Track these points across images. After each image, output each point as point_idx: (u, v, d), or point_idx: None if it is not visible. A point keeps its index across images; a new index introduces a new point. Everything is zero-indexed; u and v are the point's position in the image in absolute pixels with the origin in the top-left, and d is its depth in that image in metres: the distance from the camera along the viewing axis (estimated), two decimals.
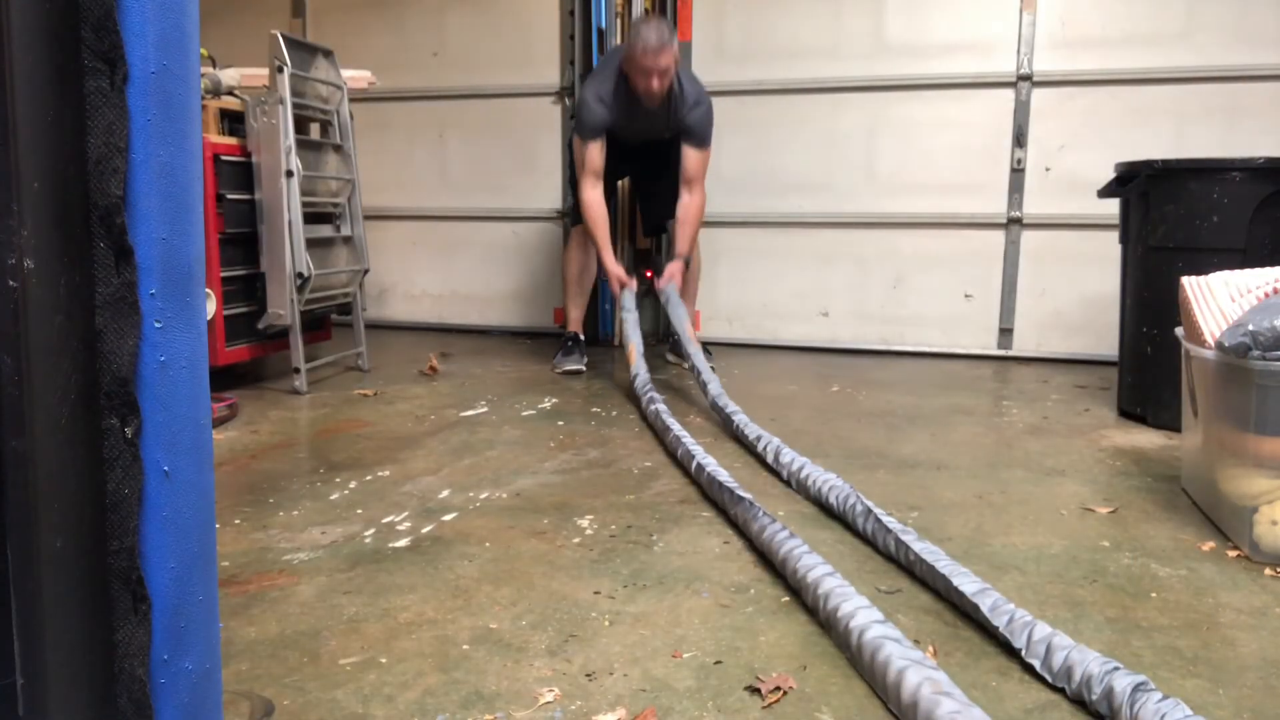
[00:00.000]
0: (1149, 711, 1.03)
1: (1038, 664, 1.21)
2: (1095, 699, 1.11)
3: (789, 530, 1.54)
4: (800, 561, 1.43)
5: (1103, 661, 1.13)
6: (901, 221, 4.07)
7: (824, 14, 4.07)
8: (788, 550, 1.48)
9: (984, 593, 1.35)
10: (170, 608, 0.69)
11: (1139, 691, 1.07)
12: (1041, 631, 1.23)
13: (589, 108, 3.31)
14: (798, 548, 1.47)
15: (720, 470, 1.91)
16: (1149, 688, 1.07)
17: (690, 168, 3.38)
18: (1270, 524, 1.61)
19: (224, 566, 1.56)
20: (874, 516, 1.68)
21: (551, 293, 4.61)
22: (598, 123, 3.31)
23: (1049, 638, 1.21)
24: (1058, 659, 1.18)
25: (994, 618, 1.29)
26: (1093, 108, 3.81)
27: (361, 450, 2.34)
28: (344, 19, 4.72)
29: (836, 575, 1.37)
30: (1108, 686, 1.10)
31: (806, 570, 1.40)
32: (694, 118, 3.33)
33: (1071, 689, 1.15)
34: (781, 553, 1.49)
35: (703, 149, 3.38)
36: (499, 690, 1.16)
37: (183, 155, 0.68)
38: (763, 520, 1.60)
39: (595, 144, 3.33)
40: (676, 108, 3.32)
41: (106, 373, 0.65)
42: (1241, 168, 2.47)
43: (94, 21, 0.62)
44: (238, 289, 2.98)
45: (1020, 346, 3.98)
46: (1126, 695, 1.07)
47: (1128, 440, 2.52)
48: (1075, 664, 1.15)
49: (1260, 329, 1.60)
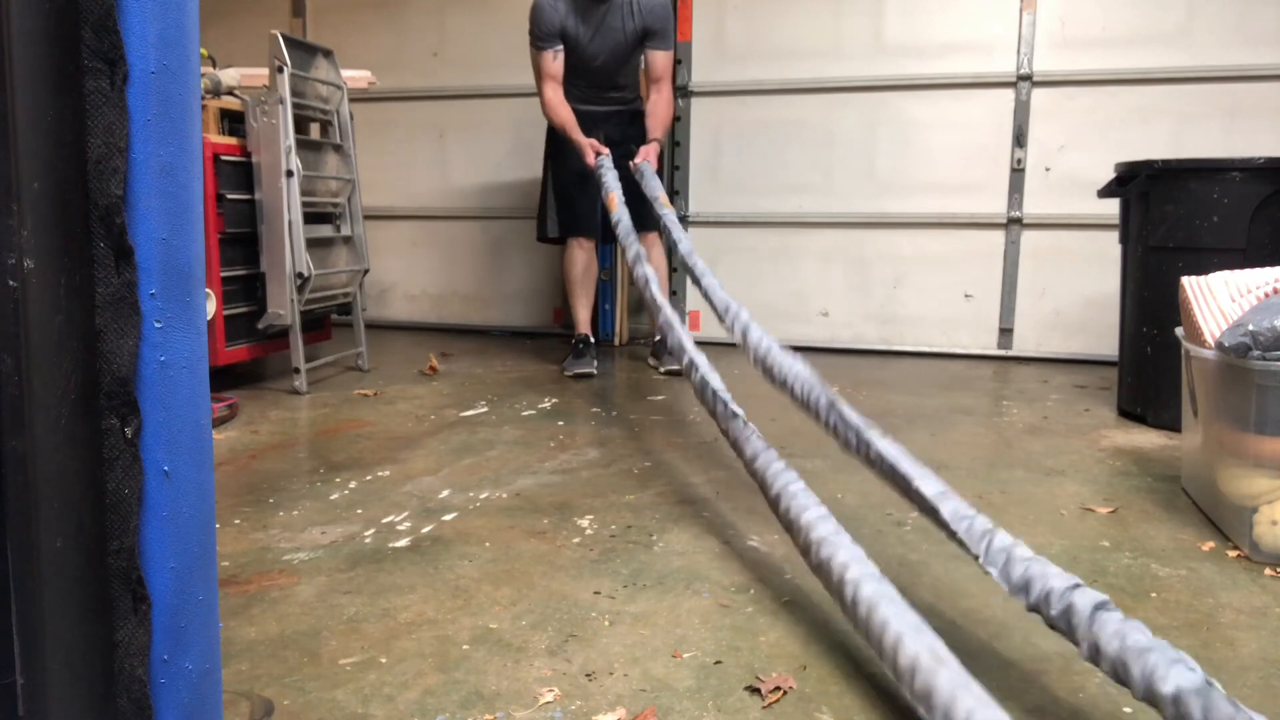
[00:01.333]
0: (1109, 631, 1.01)
1: (995, 572, 1.16)
2: (1054, 614, 1.08)
3: (783, 461, 1.48)
4: (794, 500, 1.37)
5: (1064, 577, 1.10)
6: (901, 221, 4.07)
7: (824, 14, 4.07)
8: (781, 486, 1.42)
9: (944, 496, 1.29)
10: (170, 608, 0.69)
11: (1100, 610, 1.04)
12: (1001, 541, 1.18)
13: (541, 9, 3.29)
14: (791, 483, 1.42)
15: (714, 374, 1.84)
16: (1110, 607, 1.04)
17: (658, 67, 3.39)
18: (1270, 524, 1.61)
19: (224, 566, 1.56)
20: (836, 409, 1.57)
21: (551, 293, 4.62)
22: (552, 25, 3.29)
23: (1009, 548, 1.17)
24: (1017, 570, 1.14)
25: (953, 523, 1.24)
26: (1093, 108, 3.81)
27: (361, 450, 2.34)
28: (344, 19, 4.72)
29: (831, 519, 1.32)
30: (1068, 603, 1.06)
31: (800, 511, 1.34)
32: (656, 14, 3.33)
33: (1030, 600, 1.11)
34: (775, 488, 1.43)
35: (668, 49, 3.40)
36: (499, 690, 1.16)
37: (183, 155, 0.68)
38: (755, 445, 1.54)
39: (549, 52, 3.32)
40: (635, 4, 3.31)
41: (106, 373, 0.65)
42: (1241, 168, 2.47)
43: (94, 21, 0.62)
44: (238, 289, 2.98)
45: (1020, 346, 3.98)
46: (1087, 613, 1.04)
47: (1128, 440, 2.52)
48: (1035, 577, 1.11)
49: (1260, 329, 1.60)
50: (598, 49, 3.38)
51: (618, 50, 3.40)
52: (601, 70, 3.45)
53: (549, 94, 3.36)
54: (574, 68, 3.40)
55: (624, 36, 3.37)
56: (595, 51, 3.39)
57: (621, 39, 3.37)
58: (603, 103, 3.52)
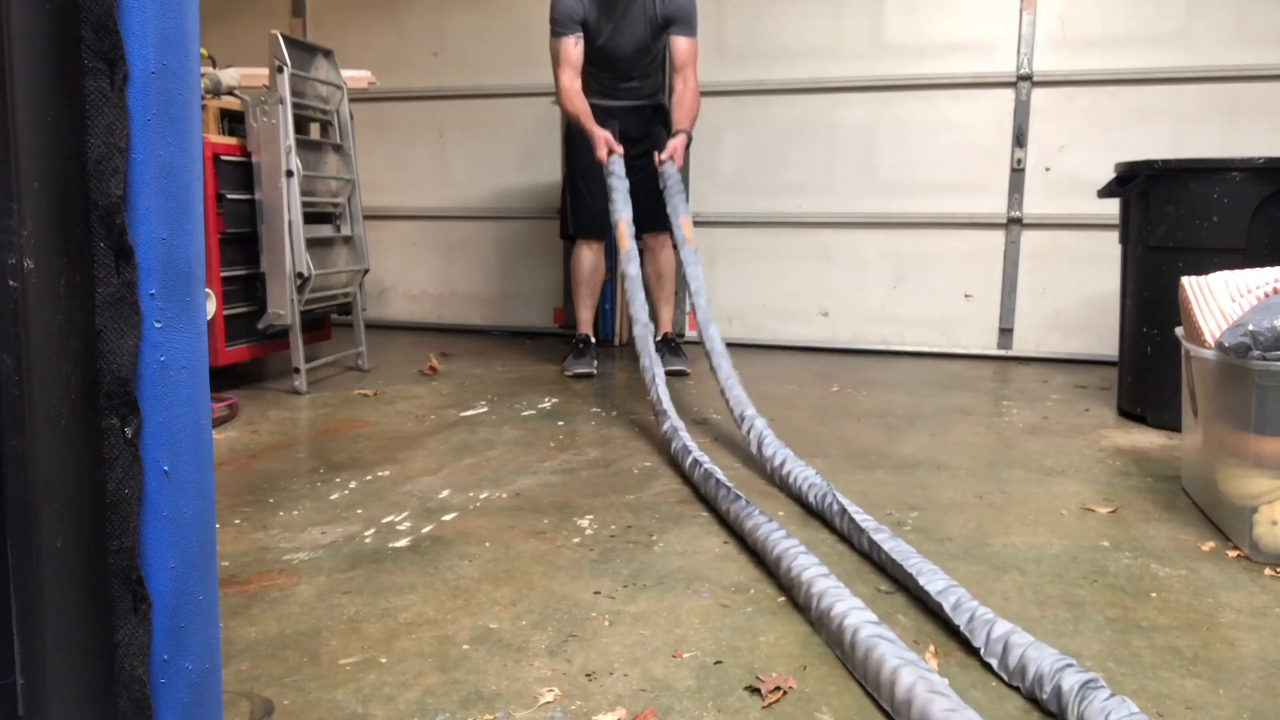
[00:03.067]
0: (1094, 710, 1.03)
1: (995, 663, 1.20)
2: (1045, 697, 1.10)
3: (784, 530, 1.54)
4: (795, 561, 1.43)
5: (1055, 659, 1.12)
6: (901, 221, 4.07)
7: (824, 14, 4.07)
8: (782, 549, 1.48)
9: (948, 590, 1.34)
10: (170, 608, 0.69)
11: (1086, 689, 1.06)
12: (1000, 629, 1.21)
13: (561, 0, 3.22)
14: (792, 547, 1.47)
15: (715, 467, 1.92)
16: (1097, 685, 1.06)
17: (681, 54, 3.31)
18: (1270, 524, 1.61)
19: (224, 566, 1.56)
20: (848, 516, 1.67)
21: (552, 293, 4.62)
22: (574, 12, 3.20)
23: (1006, 636, 1.20)
24: (1013, 657, 1.17)
25: (955, 616, 1.28)
26: (1093, 108, 3.81)
27: (361, 450, 2.34)
28: (344, 19, 4.72)
29: (830, 576, 1.37)
30: (1056, 684, 1.09)
31: (801, 570, 1.40)
32: (678, 1, 3.27)
33: (1025, 687, 1.14)
34: (775, 552, 1.49)
35: (691, 36, 3.33)
36: (499, 690, 1.16)
37: (183, 155, 0.68)
38: (757, 519, 1.60)
39: (570, 38, 3.22)
40: None
41: (106, 373, 0.65)
42: (1241, 168, 2.47)
43: (94, 21, 0.62)
44: (238, 289, 2.98)
45: (1020, 346, 3.98)
46: (1074, 693, 1.06)
47: (1128, 440, 2.52)
48: (1029, 661, 1.14)
49: (1260, 329, 1.60)
50: (619, 41, 3.31)
51: (639, 42, 3.32)
52: (623, 64, 3.37)
53: (566, 81, 3.25)
54: (594, 61, 3.33)
55: (645, 27, 3.30)
56: (616, 44, 3.32)
57: (643, 29, 3.30)
58: (623, 97, 3.45)
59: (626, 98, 3.47)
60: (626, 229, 2.96)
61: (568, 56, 3.25)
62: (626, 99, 3.47)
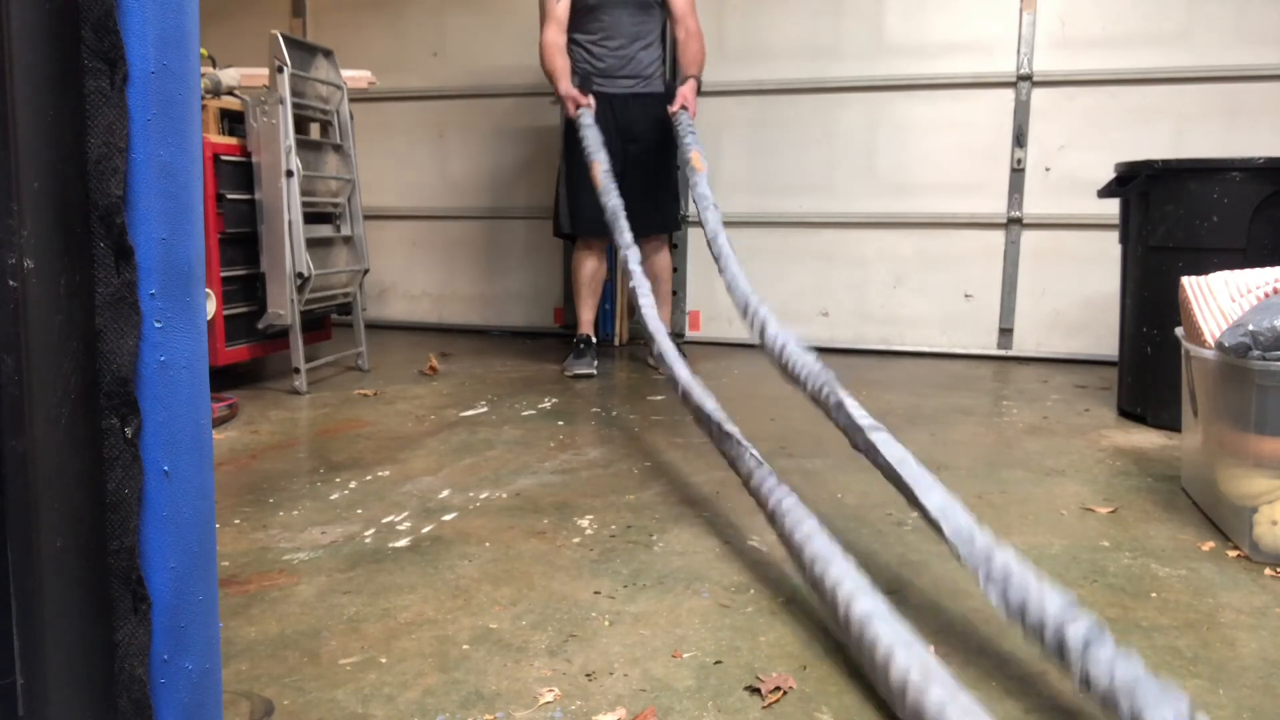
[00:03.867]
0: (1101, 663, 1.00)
1: (994, 595, 1.16)
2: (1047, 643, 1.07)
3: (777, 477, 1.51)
4: (789, 516, 1.39)
5: (1061, 605, 1.08)
6: (901, 221, 4.07)
7: (824, 14, 4.07)
8: (776, 501, 1.44)
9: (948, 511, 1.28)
10: (170, 608, 0.69)
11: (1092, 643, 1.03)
12: (1002, 560, 1.17)
13: None
14: (786, 498, 1.43)
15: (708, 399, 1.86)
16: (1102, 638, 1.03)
17: (679, 6, 3.32)
18: (1270, 524, 1.61)
19: (224, 566, 1.56)
20: (845, 410, 1.58)
21: (551, 293, 4.62)
22: None
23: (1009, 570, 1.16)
24: (1014, 595, 1.13)
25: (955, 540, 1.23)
26: (1093, 108, 3.81)
27: (361, 450, 2.34)
28: (344, 19, 4.72)
29: (824, 534, 1.34)
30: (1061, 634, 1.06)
31: (795, 524, 1.36)
32: None
33: (1025, 627, 1.11)
34: (770, 503, 1.45)
35: None
36: (499, 690, 1.16)
37: (183, 155, 0.68)
38: (749, 463, 1.57)
39: None
40: None
41: (106, 373, 0.65)
42: (1241, 168, 2.47)
43: (94, 21, 0.62)
44: (238, 289, 2.98)
45: (1020, 346, 3.98)
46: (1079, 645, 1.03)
47: (1128, 440, 2.52)
48: (1031, 602, 1.11)
49: (1260, 329, 1.60)
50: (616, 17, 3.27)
51: (637, 12, 3.28)
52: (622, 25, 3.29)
53: (549, 36, 3.20)
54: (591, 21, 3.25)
55: None
56: (614, 20, 3.27)
57: None
58: (622, 75, 3.36)
59: (626, 75, 3.36)
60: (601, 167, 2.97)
61: (553, 11, 3.23)
62: (626, 77, 3.36)
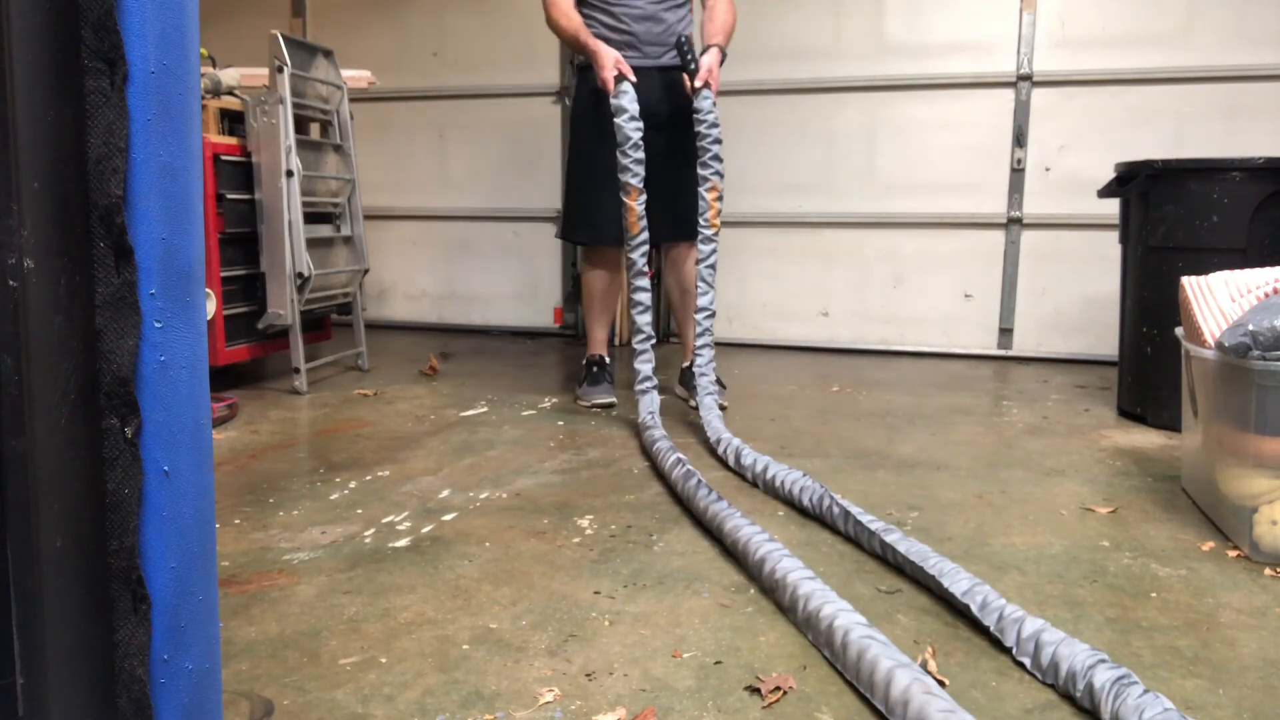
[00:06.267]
0: (1129, 707, 1.03)
1: (1028, 662, 1.20)
2: (1079, 694, 1.11)
3: (767, 533, 1.54)
4: (779, 564, 1.42)
5: (1088, 654, 1.12)
6: (901, 221, 4.07)
7: (824, 14, 4.07)
8: (765, 552, 1.46)
9: (974, 590, 1.34)
10: (170, 608, 0.69)
11: (1120, 685, 1.06)
12: (1031, 627, 1.22)
13: None
14: (775, 550, 1.46)
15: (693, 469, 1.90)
16: (1130, 681, 1.06)
17: None
18: (1270, 524, 1.61)
19: (224, 566, 1.56)
20: (853, 518, 1.67)
21: (552, 293, 4.62)
22: None
23: (1038, 633, 1.20)
24: (1045, 654, 1.17)
25: (984, 616, 1.29)
26: (1093, 108, 3.81)
27: (361, 450, 2.34)
28: (344, 19, 4.72)
29: (817, 579, 1.37)
30: (1089, 682, 1.09)
31: (786, 573, 1.39)
32: None
33: (1059, 684, 1.15)
34: (758, 554, 1.47)
35: None
36: (499, 690, 1.16)
37: (183, 155, 0.68)
38: (737, 521, 1.59)
39: None
40: None
41: (106, 373, 0.65)
42: (1241, 168, 2.47)
43: (94, 21, 0.62)
44: (238, 289, 2.98)
45: (1020, 346, 3.98)
46: (1107, 689, 1.06)
47: (1128, 440, 2.52)
48: (1061, 658, 1.14)
49: (1260, 329, 1.60)
50: None
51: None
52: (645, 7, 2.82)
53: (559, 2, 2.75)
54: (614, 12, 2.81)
55: None
56: None
57: None
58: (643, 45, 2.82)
59: (647, 44, 2.82)
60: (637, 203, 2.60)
61: None
62: (648, 47, 2.82)
